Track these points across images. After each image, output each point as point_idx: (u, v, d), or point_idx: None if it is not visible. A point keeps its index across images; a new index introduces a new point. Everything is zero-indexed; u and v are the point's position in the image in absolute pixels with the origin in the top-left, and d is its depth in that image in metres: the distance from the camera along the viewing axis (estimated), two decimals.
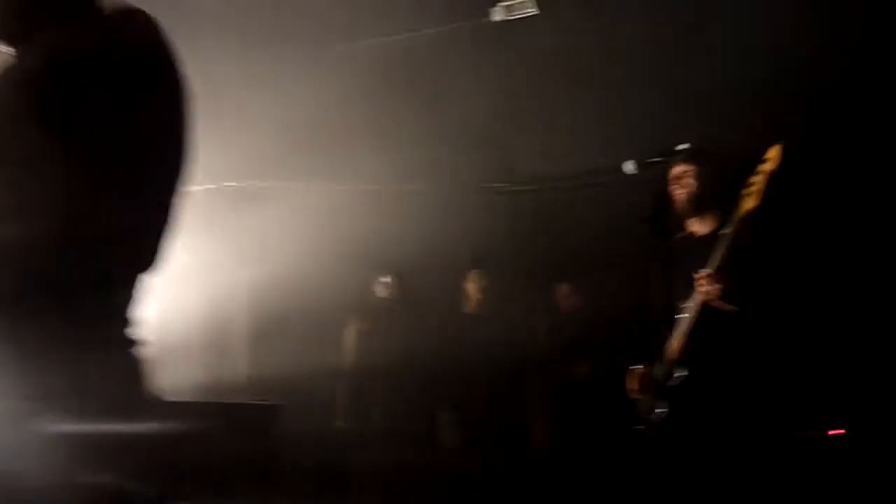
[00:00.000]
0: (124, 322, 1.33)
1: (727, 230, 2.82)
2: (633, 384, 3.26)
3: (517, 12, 4.46)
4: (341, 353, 4.73)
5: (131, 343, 1.33)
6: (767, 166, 2.79)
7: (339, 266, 4.74)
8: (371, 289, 4.85)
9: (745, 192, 2.81)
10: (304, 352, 4.48)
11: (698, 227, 3.07)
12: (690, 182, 3.00)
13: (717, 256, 2.82)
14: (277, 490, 3.89)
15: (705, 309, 2.86)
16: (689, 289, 2.89)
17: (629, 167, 2.95)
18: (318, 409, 4.59)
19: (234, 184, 4.67)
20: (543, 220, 5.25)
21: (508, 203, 5.31)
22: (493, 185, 5.36)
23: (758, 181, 2.80)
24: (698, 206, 3.01)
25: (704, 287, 2.80)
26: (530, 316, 4.80)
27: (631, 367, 3.32)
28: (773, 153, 2.79)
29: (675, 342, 2.97)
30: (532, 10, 4.43)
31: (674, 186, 3.06)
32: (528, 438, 4.66)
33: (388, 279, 4.73)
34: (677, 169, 3.04)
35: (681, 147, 2.92)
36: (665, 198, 2.98)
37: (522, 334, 4.74)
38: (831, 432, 4.00)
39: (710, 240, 2.91)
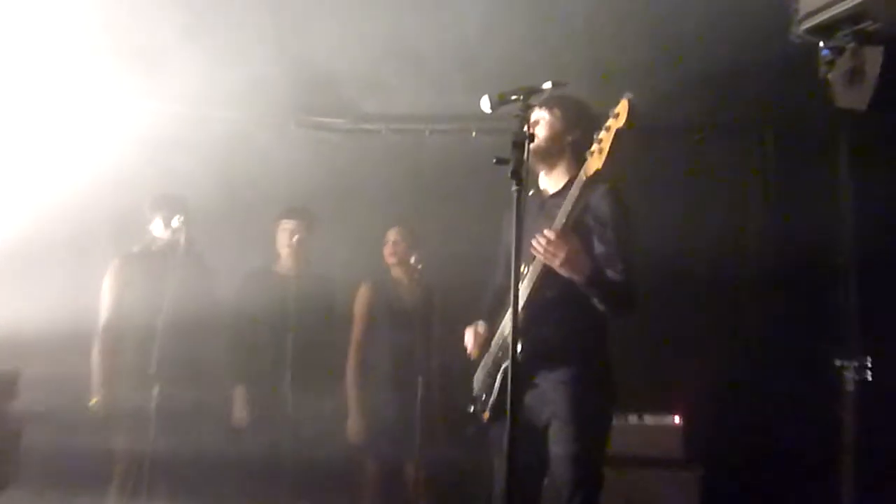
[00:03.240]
0: None
1: (573, 192, 2.53)
2: (472, 348, 2.87)
3: None
4: (100, 306, 3.68)
5: None
6: (614, 122, 2.42)
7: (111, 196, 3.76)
8: (147, 227, 3.76)
9: (590, 150, 2.48)
10: (51, 302, 3.47)
11: (548, 185, 2.82)
12: (539, 133, 2.72)
13: (559, 220, 2.53)
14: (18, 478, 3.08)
15: (546, 275, 2.55)
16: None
17: (485, 105, 2.39)
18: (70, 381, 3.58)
19: None
20: (388, 163, 4.57)
21: (347, 142, 4.59)
22: (330, 120, 4.58)
23: (604, 139, 2.43)
24: (544, 159, 2.76)
25: (543, 251, 2.50)
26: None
27: (472, 327, 2.88)
28: (622, 108, 2.43)
29: (514, 312, 2.43)
30: None
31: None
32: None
33: (169, 216, 3.60)
34: (533, 115, 2.66)
35: (544, 86, 2.37)
36: (527, 140, 2.45)
37: (341, 296, 4.03)
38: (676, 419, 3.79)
39: (558, 200, 2.64)
